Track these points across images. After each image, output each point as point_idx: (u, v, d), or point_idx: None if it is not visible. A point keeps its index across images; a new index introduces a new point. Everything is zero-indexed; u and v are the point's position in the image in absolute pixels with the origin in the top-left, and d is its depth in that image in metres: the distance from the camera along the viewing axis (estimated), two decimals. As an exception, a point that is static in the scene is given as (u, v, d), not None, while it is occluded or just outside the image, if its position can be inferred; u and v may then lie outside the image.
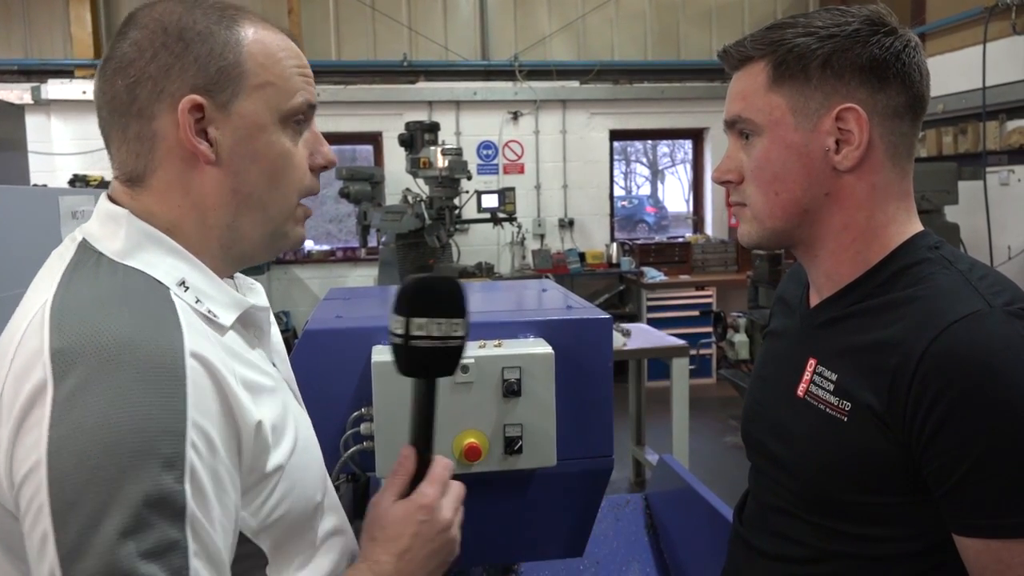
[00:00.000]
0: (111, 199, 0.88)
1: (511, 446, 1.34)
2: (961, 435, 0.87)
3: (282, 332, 5.80)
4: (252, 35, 0.86)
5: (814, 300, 1.10)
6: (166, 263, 0.83)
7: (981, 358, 0.86)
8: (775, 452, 1.10)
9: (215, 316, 0.84)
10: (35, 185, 4.29)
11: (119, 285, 0.79)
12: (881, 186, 1.00)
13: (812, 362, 1.04)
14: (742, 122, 1.03)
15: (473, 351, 1.34)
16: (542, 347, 1.37)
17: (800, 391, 1.05)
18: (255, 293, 1.01)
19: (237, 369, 0.81)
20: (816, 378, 1.02)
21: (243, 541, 0.80)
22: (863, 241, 1.01)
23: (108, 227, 0.85)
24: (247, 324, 0.92)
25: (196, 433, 0.73)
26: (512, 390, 1.33)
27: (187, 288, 0.83)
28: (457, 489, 0.99)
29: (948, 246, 1.01)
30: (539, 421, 1.35)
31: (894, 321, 0.94)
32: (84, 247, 0.84)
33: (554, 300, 1.68)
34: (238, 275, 1.01)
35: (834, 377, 1.00)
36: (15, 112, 4.43)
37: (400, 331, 0.95)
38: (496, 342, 1.39)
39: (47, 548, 0.68)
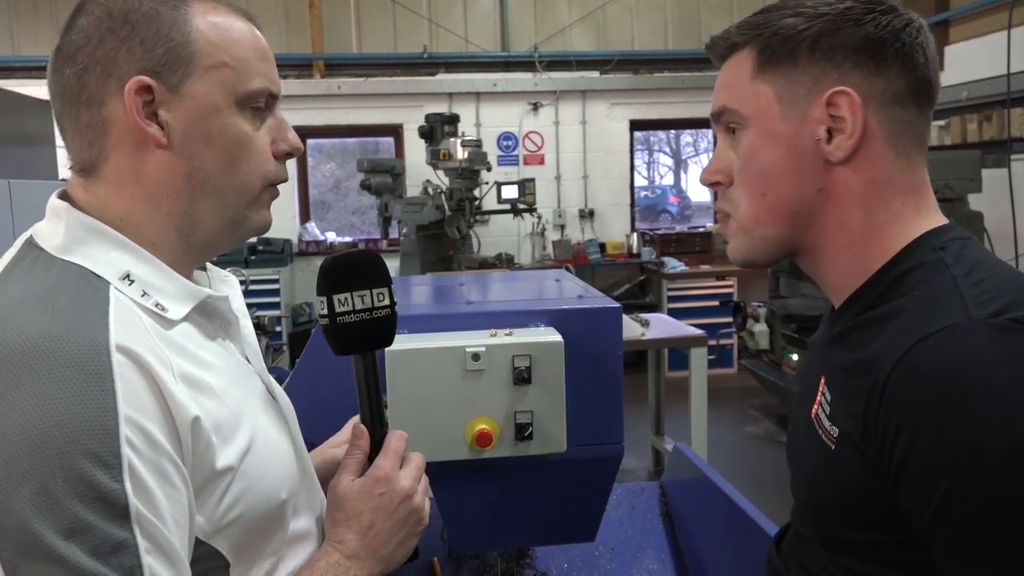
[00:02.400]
0: (64, 194, 0.85)
1: (522, 432, 1.36)
2: (924, 471, 0.76)
3: (306, 324, 5.82)
4: (204, 16, 0.83)
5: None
6: (109, 256, 0.80)
7: (942, 383, 0.74)
8: (795, 479, 1.02)
9: (163, 310, 0.81)
10: (63, 179, 4.38)
11: (52, 282, 0.76)
12: (881, 180, 0.90)
13: (822, 380, 0.94)
14: (728, 114, 0.96)
15: (484, 339, 1.37)
16: (552, 335, 1.39)
17: (812, 412, 0.94)
18: (228, 285, 0.98)
19: (178, 364, 0.78)
20: (822, 399, 0.92)
21: (197, 543, 0.78)
22: (862, 243, 0.91)
23: (51, 223, 0.82)
24: (210, 315, 0.89)
25: (131, 429, 0.70)
26: (522, 377, 1.35)
27: (132, 282, 0.80)
28: (417, 459, 0.98)
29: (956, 245, 0.88)
30: (549, 408, 1.37)
31: (875, 337, 0.84)
32: (28, 244, 0.82)
33: (566, 290, 1.71)
34: (211, 267, 0.99)
35: (830, 398, 0.90)
36: (42, 107, 4.51)
37: (325, 311, 0.92)
38: (507, 331, 1.41)
39: None
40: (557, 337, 1.38)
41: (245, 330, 0.97)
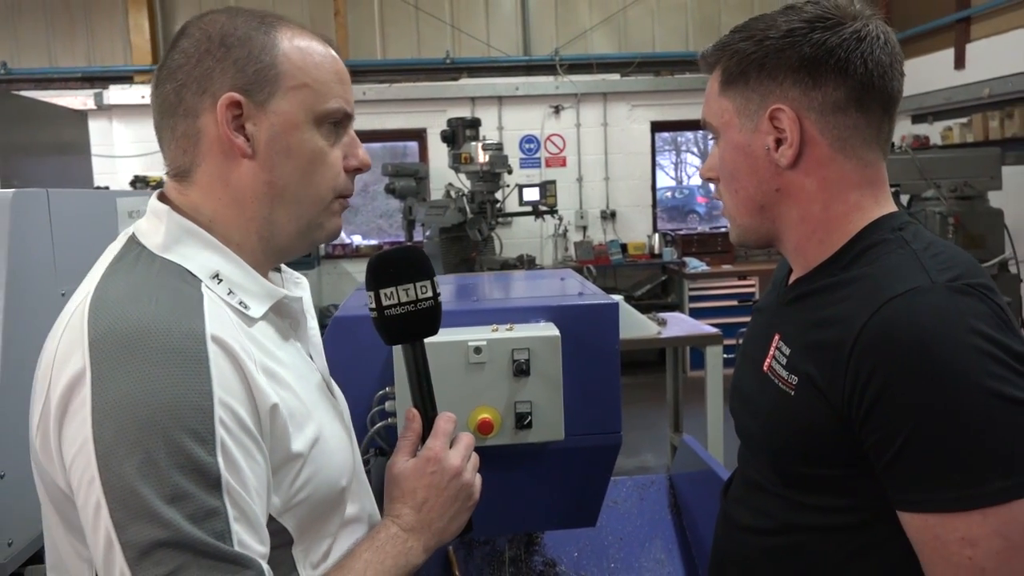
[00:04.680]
0: (162, 196, 0.95)
1: (521, 421, 1.45)
2: (894, 410, 0.88)
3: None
4: (290, 40, 0.92)
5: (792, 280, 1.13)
6: (202, 256, 0.89)
7: (914, 334, 0.88)
8: (748, 427, 1.14)
9: (246, 307, 0.90)
10: (97, 187, 4.53)
11: (153, 277, 0.85)
12: (834, 179, 1.02)
13: (777, 337, 1.07)
14: (707, 124, 1.11)
15: (486, 334, 1.46)
16: (550, 330, 1.48)
17: (765, 366, 1.08)
18: (300, 288, 1.06)
19: (258, 356, 0.86)
20: (776, 353, 1.05)
21: (269, 520, 0.85)
22: (824, 230, 1.04)
23: (152, 223, 0.91)
24: (283, 314, 0.97)
25: (223, 410, 0.79)
26: (522, 370, 1.43)
27: (220, 280, 0.89)
28: (466, 439, 1.05)
29: (914, 227, 1.02)
30: (547, 398, 1.46)
31: (843, 299, 0.97)
32: (131, 241, 0.91)
33: (568, 288, 1.79)
34: (285, 269, 1.07)
35: (788, 352, 1.03)
36: (79, 118, 4.68)
37: (373, 305, 1.00)
38: (508, 326, 1.50)
39: (101, 514, 0.74)
40: (555, 331, 1.47)
41: (311, 330, 1.06)
